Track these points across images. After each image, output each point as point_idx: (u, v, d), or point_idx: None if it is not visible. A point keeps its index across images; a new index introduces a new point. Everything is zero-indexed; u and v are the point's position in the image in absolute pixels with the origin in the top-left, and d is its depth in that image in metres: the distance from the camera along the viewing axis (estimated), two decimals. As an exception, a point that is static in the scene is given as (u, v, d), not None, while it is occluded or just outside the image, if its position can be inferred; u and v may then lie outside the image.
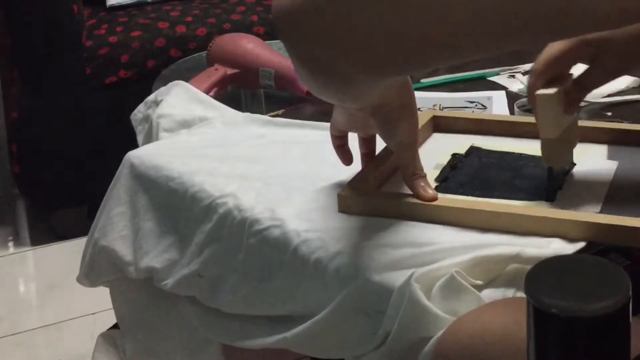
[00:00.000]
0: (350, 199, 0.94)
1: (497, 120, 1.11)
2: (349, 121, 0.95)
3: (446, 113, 1.18)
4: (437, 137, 1.11)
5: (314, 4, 0.65)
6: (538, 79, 0.92)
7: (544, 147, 0.92)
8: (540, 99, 0.90)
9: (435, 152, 1.05)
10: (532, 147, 1.04)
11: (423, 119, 1.10)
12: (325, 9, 0.64)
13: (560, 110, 0.91)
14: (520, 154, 1.03)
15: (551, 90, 0.89)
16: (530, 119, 1.06)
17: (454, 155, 1.04)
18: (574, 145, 0.98)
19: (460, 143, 1.07)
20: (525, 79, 1.37)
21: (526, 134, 1.07)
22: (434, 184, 0.98)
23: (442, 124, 1.11)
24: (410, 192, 0.93)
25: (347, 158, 0.99)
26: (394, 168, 0.99)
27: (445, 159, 1.03)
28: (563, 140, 0.93)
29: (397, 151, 0.93)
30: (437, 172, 1.00)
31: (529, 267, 0.83)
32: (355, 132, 0.98)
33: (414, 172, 0.92)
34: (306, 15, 0.66)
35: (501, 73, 1.42)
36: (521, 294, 0.81)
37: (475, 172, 1.00)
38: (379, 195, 0.96)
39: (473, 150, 1.05)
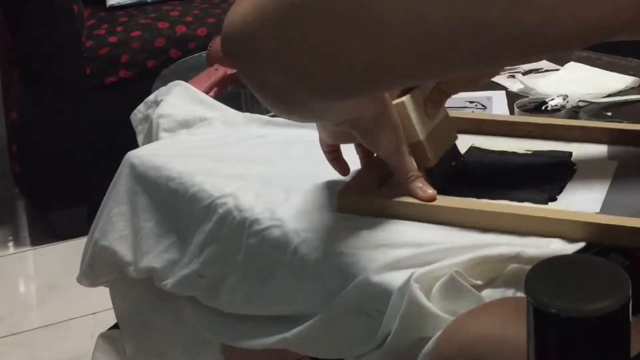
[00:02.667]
0: (349, 199, 0.94)
1: (497, 120, 1.11)
2: (334, 137, 0.95)
3: None
4: None
5: (265, 30, 0.64)
6: (391, 92, 0.95)
7: (413, 150, 0.95)
8: (396, 108, 0.94)
9: None
10: (532, 147, 1.04)
11: None
12: (277, 36, 0.64)
13: (420, 114, 0.94)
14: (520, 154, 1.04)
15: (403, 98, 0.93)
16: (531, 119, 1.06)
17: None
18: (450, 143, 0.99)
19: (460, 143, 1.07)
20: (525, 79, 1.37)
21: (526, 134, 1.07)
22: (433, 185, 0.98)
23: None
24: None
25: (343, 168, 0.99)
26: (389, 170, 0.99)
27: None
28: (433, 140, 0.95)
29: (385, 159, 0.93)
30: None
31: (528, 267, 0.83)
32: (344, 143, 0.98)
33: (408, 175, 0.92)
34: (258, 41, 0.65)
35: (501, 73, 1.41)
36: (521, 294, 0.81)
37: (475, 172, 1.00)
38: (379, 195, 0.96)
39: (473, 150, 1.05)
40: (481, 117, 1.13)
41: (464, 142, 1.07)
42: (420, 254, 0.85)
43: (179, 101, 1.28)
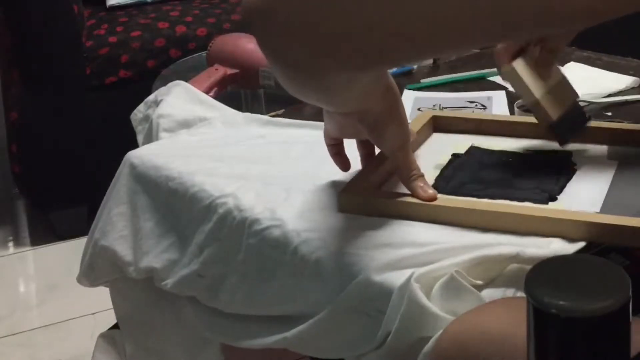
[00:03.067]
0: (350, 199, 0.94)
1: (497, 120, 1.11)
2: (340, 129, 0.95)
3: (446, 113, 1.18)
4: (437, 137, 1.11)
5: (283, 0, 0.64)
6: (502, 58, 0.98)
7: (534, 112, 1.00)
8: (506, 75, 0.99)
9: (435, 152, 1.05)
10: (532, 147, 1.04)
11: (423, 119, 1.10)
12: (294, 5, 0.63)
13: (533, 76, 0.98)
14: (520, 154, 1.04)
15: (512, 63, 0.98)
16: (531, 119, 1.06)
17: (454, 156, 1.04)
18: (571, 101, 1.02)
19: (460, 143, 1.07)
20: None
21: (526, 134, 1.07)
22: (433, 184, 0.98)
23: (442, 124, 1.11)
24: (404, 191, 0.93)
25: (344, 164, 0.99)
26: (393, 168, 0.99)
27: (445, 159, 1.03)
28: (552, 98, 0.99)
29: (390, 155, 0.93)
30: (437, 172, 1.00)
31: (529, 267, 0.83)
32: (348, 138, 0.98)
33: (411, 174, 0.92)
34: (279, 9, 0.64)
35: (501, 73, 1.41)
36: (521, 294, 0.81)
37: (475, 172, 1.00)
38: (379, 195, 0.96)
39: (473, 150, 1.05)
40: (481, 117, 1.13)
41: (464, 142, 1.07)
42: (421, 253, 0.85)
43: (179, 101, 1.28)
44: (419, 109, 1.28)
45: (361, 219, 0.93)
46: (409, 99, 1.33)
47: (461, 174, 1.00)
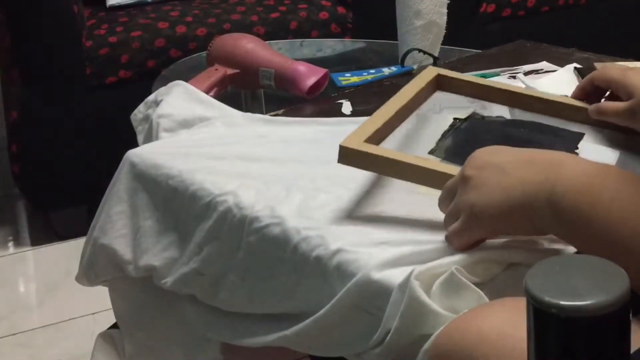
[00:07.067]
0: (351, 151, 0.93)
1: (504, 90, 1.09)
2: None
3: (452, 73, 1.15)
4: (438, 95, 1.10)
5: None
6: None
7: None
8: None
9: (437, 113, 1.05)
10: (536, 121, 1.04)
11: (427, 76, 1.09)
12: None
13: None
14: (523, 123, 1.03)
15: None
16: (540, 93, 1.06)
17: (456, 120, 1.04)
18: None
19: (463, 106, 1.07)
20: (525, 79, 1.37)
21: (534, 108, 1.06)
22: (434, 147, 0.98)
23: (445, 84, 1.11)
24: (405, 151, 0.94)
25: None
26: (394, 125, 0.99)
27: (447, 123, 1.03)
28: None
29: None
30: (438, 136, 1.01)
31: (529, 266, 0.83)
32: None
33: None
34: None
35: (502, 74, 1.41)
36: (521, 294, 0.81)
37: (475, 139, 1.00)
38: (378, 150, 0.95)
39: (475, 116, 1.05)
40: (485, 82, 1.10)
41: (466, 105, 1.06)
42: (421, 251, 0.85)
43: (179, 101, 1.28)
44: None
45: (361, 217, 0.93)
46: (409, 98, 1.33)
47: (461, 140, 1.00)
